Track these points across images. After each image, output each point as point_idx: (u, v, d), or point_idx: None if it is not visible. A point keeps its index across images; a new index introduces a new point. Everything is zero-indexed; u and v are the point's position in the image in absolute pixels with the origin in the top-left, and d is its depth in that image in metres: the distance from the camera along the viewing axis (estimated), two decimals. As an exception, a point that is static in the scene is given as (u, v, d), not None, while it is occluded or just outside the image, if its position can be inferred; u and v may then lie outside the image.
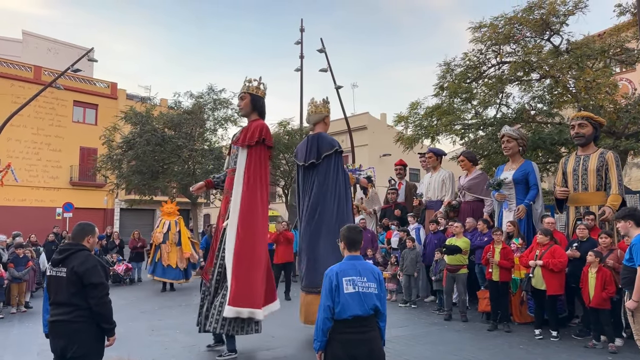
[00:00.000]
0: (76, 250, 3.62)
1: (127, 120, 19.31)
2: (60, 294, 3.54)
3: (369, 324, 3.20)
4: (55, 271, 3.60)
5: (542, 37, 10.49)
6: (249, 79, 6.26)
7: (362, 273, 3.24)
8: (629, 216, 4.70)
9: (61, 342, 3.52)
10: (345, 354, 3.11)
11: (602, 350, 5.62)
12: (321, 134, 6.58)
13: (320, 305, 3.21)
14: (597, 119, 7.43)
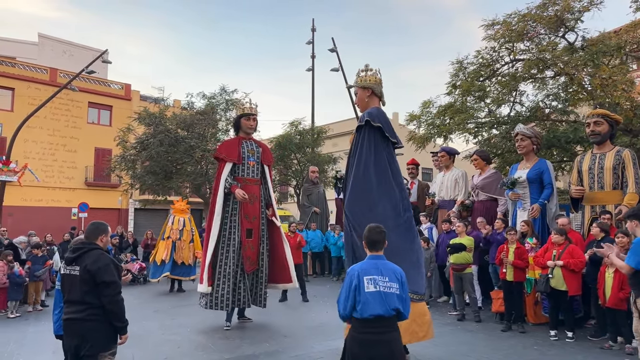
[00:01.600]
0: (89, 249, 3.68)
1: (141, 121, 19.51)
2: (73, 292, 3.60)
3: (390, 324, 3.18)
4: (69, 270, 3.66)
5: (556, 34, 10.34)
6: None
7: (384, 273, 3.23)
8: (635, 216, 4.69)
9: (75, 340, 3.58)
10: (364, 354, 3.09)
11: (618, 352, 5.53)
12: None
13: (340, 302, 3.26)
14: (613, 116, 7.30)
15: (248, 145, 7.34)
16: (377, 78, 5.58)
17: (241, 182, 7.11)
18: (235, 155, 7.15)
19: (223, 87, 20.45)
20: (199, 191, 20.60)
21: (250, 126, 7.39)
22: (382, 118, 5.38)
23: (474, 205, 9.12)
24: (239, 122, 7.47)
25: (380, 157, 5.24)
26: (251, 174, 7.23)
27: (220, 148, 7.47)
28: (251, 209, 7.15)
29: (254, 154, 7.29)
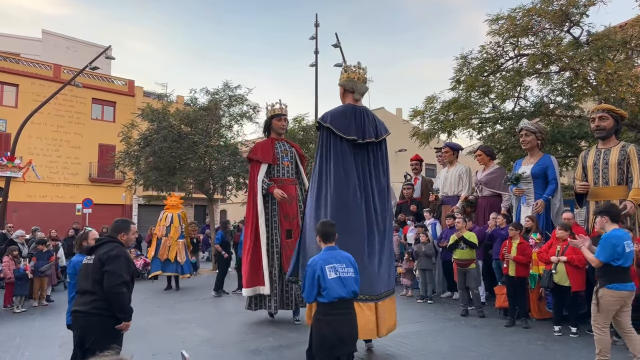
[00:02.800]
0: (107, 241, 3.84)
1: (144, 117, 19.50)
2: (85, 282, 3.71)
3: (350, 305, 3.71)
4: (87, 259, 3.82)
5: (561, 29, 10.27)
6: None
7: (341, 260, 3.73)
8: (605, 212, 4.86)
9: (79, 332, 3.68)
10: (332, 334, 3.54)
11: (622, 347, 5.52)
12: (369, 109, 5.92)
13: (306, 290, 3.69)
14: (618, 111, 7.26)
15: (281, 145, 7.35)
16: (349, 75, 5.74)
17: (277, 182, 7.10)
18: (270, 156, 7.14)
19: (226, 83, 20.40)
20: (203, 187, 20.63)
21: (282, 126, 7.40)
22: (337, 115, 5.51)
23: (477, 201, 9.11)
24: (270, 123, 7.41)
25: (329, 158, 5.41)
26: (287, 174, 7.23)
27: (254, 150, 7.39)
28: (290, 209, 7.13)
29: (287, 154, 7.29)
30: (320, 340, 3.59)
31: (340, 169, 5.34)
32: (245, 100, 20.51)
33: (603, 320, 4.58)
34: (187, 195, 21.50)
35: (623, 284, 4.51)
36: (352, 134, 5.44)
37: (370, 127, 5.59)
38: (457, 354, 5.40)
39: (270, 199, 6.98)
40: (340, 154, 5.39)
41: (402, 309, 7.97)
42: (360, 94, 5.78)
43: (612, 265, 4.50)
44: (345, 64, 5.99)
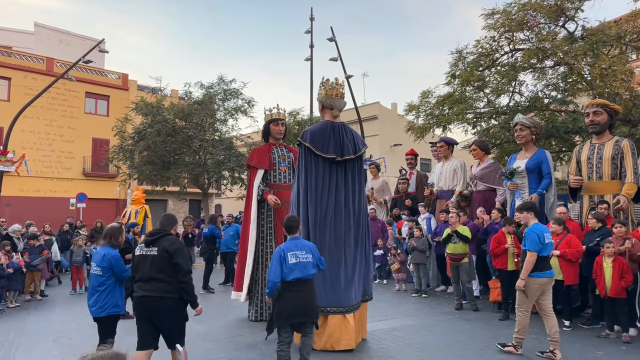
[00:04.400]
0: (166, 234, 4.32)
1: (138, 111, 19.42)
2: (150, 270, 4.14)
3: (308, 284, 4.41)
4: (146, 251, 4.22)
5: (556, 24, 10.29)
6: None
7: (302, 248, 4.49)
8: (530, 209, 5.38)
9: (149, 314, 4.13)
10: (290, 306, 4.30)
11: (615, 340, 5.58)
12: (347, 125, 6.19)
13: (271, 273, 4.35)
14: (612, 106, 7.29)
15: (279, 151, 7.28)
16: (326, 91, 5.87)
17: (274, 188, 7.06)
18: (266, 162, 7.09)
19: (221, 77, 20.34)
20: (197, 181, 20.58)
21: (279, 131, 7.31)
22: (316, 134, 5.73)
23: (472, 196, 9.14)
24: (268, 128, 7.33)
25: (307, 173, 5.67)
26: (283, 180, 7.15)
27: (251, 156, 7.35)
28: (286, 215, 7.06)
29: (285, 159, 7.21)
30: (279, 310, 4.32)
31: (319, 187, 5.67)
32: (240, 94, 20.46)
33: (526, 304, 5.14)
34: (182, 189, 21.47)
35: (543, 272, 5.05)
36: (331, 152, 5.68)
37: (348, 143, 5.82)
38: (452, 347, 5.44)
39: (267, 204, 6.96)
40: (321, 172, 5.69)
41: (397, 303, 8.02)
42: (338, 109, 5.95)
43: (538, 255, 5.01)
44: (322, 80, 6.07)
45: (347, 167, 5.84)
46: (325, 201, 5.66)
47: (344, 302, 5.40)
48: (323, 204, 5.65)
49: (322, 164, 5.70)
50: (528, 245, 5.07)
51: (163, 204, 29.86)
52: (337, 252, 5.58)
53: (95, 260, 4.61)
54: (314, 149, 5.67)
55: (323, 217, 5.62)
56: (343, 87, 6.06)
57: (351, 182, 5.84)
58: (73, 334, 6.45)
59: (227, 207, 32.13)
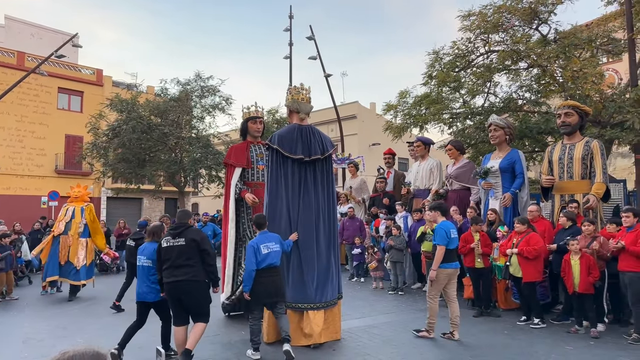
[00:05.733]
0: (189, 227, 5.02)
1: (113, 107, 19.06)
2: (180, 259, 4.77)
3: (277, 270, 5.19)
4: (173, 242, 4.84)
5: (530, 26, 10.51)
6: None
7: (270, 240, 5.23)
8: (437, 208, 6.08)
9: (181, 295, 4.76)
10: (262, 289, 5.04)
11: (584, 336, 5.74)
12: (315, 127, 6.42)
13: (248, 264, 5.10)
14: (583, 108, 7.50)
15: (257, 149, 7.23)
16: (293, 96, 6.12)
17: (251, 186, 7.02)
18: (244, 160, 7.05)
19: (198, 74, 20.12)
20: (173, 179, 20.32)
21: (257, 129, 7.28)
22: (284, 136, 5.93)
23: (447, 194, 9.27)
24: (245, 126, 7.30)
25: (277, 175, 5.85)
26: (261, 178, 7.08)
27: (228, 154, 7.30)
28: None
29: (263, 157, 7.14)
30: (254, 293, 5.06)
31: (289, 188, 5.85)
32: (217, 91, 20.27)
33: (435, 292, 5.75)
34: (158, 187, 21.16)
35: (450, 263, 5.68)
36: (299, 153, 5.87)
37: (316, 144, 6.00)
38: (427, 344, 5.51)
39: (245, 203, 6.93)
40: (290, 173, 5.88)
41: (374, 301, 8.08)
42: (305, 113, 6.16)
43: (445, 249, 5.59)
44: (289, 86, 6.26)
45: (316, 169, 6.01)
46: (296, 201, 5.85)
47: (314, 299, 5.59)
48: (295, 203, 5.85)
49: (291, 166, 5.91)
50: (437, 240, 5.68)
51: (138, 202, 29.37)
52: (308, 251, 5.72)
53: (145, 254, 5.21)
54: (282, 151, 5.85)
55: (294, 216, 5.80)
56: (309, 92, 6.28)
57: (320, 183, 6.00)
58: (44, 335, 6.29)
59: (204, 206, 31.81)
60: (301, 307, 5.58)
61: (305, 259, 5.71)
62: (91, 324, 6.86)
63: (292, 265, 5.69)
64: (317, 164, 6.02)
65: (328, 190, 6.07)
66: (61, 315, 7.50)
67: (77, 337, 6.03)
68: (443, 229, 5.69)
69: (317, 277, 5.69)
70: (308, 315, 5.54)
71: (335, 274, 5.93)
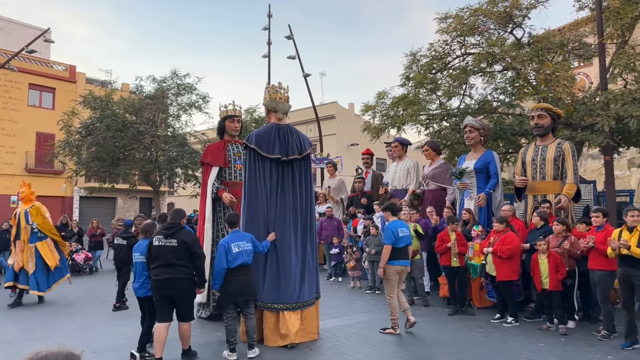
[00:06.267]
0: (181, 228, 5.10)
1: (86, 104, 18.65)
2: (171, 257, 4.91)
3: (248, 269, 5.22)
4: (165, 242, 4.97)
5: (505, 30, 10.71)
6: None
7: (242, 239, 5.24)
8: (387, 208, 6.30)
9: (171, 292, 4.90)
10: (233, 287, 5.07)
11: (555, 333, 5.88)
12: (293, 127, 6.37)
13: (218, 262, 5.15)
14: (555, 110, 7.69)
15: (234, 148, 7.14)
16: (270, 95, 6.09)
17: (229, 185, 6.94)
18: (221, 159, 6.94)
19: (174, 71, 19.85)
20: (148, 179, 20.00)
21: (235, 128, 7.18)
22: (261, 136, 5.89)
23: (424, 194, 9.38)
24: (223, 124, 7.19)
25: (255, 175, 5.82)
26: (239, 177, 6.98)
27: (205, 152, 7.18)
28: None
29: (240, 156, 7.03)
30: (225, 292, 5.10)
31: (267, 188, 5.80)
32: (194, 89, 20.04)
33: (391, 289, 5.94)
34: (132, 187, 20.78)
35: (398, 260, 5.92)
36: (276, 153, 5.83)
37: (294, 144, 5.96)
38: (403, 342, 5.56)
39: (222, 203, 6.85)
40: (268, 173, 5.83)
41: (351, 300, 8.11)
42: (283, 112, 6.13)
43: (393, 247, 5.86)
44: (267, 85, 6.25)
45: (294, 168, 5.98)
46: (274, 201, 5.81)
47: (290, 299, 5.57)
48: (273, 203, 5.81)
49: (268, 165, 5.86)
50: (384, 239, 5.99)
51: (112, 202, 28.80)
52: (286, 251, 5.69)
53: (139, 251, 5.35)
54: (259, 150, 5.80)
55: (272, 216, 5.77)
56: (287, 91, 6.23)
57: (299, 183, 5.97)
58: (13, 338, 6.11)
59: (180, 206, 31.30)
60: (277, 308, 5.55)
61: (282, 259, 5.67)
62: (62, 326, 6.69)
63: (269, 265, 5.65)
64: (295, 163, 5.98)
65: (306, 190, 6.03)
66: (30, 318, 7.29)
67: (47, 340, 5.86)
68: (390, 229, 5.93)
69: (294, 277, 5.65)
70: (284, 316, 5.51)
71: (313, 273, 5.92)
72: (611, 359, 4.87)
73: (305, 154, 6.06)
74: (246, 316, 5.20)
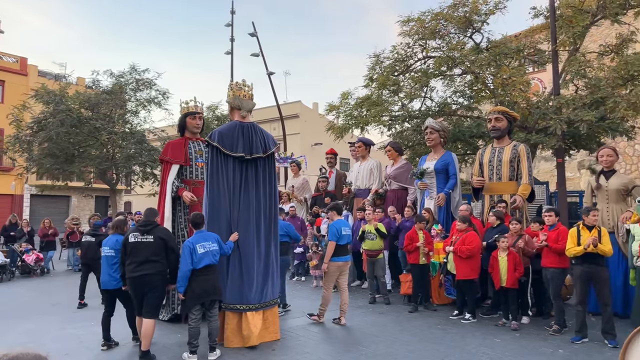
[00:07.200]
0: (156, 225, 5.23)
1: (39, 98, 17.83)
2: (146, 253, 5.01)
3: (213, 269, 5.14)
4: (141, 238, 5.08)
5: (465, 34, 10.99)
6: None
7: (208, 239, 5.16)
8: (333, 208, 6.64)
9: (145, 288, 5.00)
10: (199, 288, 5.01)
11: (509, 328, 6.09)
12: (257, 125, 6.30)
13: (183, 263, 5.01)
14: (511, 113, 7.97)
15: (195, 145, 6.97)
16: (234, 93, 6.03)
17: (190, 184, 6.78)
18: (182, 157, 6.77)
19: (133, 66, 19.25)
20: (105, 176, 19.33)
21: (196, 125, 7.02)
22: (224, 134, 5.81)
23: (386, 194, 9.51)
24: (184, 121, 7.01)
25: (218, 173, 5.74)
26: (200, 176, 6.85)
27: (165, 150, 6.98)
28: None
29: (202, 154, 6.90)
30: (190, 293, 5.02)
31: (230, 187, 5.73)
32: (153, 84, 19.53)
33: (329, 283, 6.35)
34: (87, 184, 20.04)
35: (340, 256, 6.29)
36: (240, 151, 5.77)
37: (258, 142, 5.89)
38: (365, 340, 5.61)
39: (182, 202, 6.69)
40: (231, 171, 5.76)
41: (315, 299, 8.10)
42: (246, 110, 6.06)
43: (336, 244, 6.21)
44: (230, 82, 6.19)
45: (258, 167, 5.91)
46: (237, 200, 5.73)
47: (253, 300, 5.53)
48: (236, 202, 5.73)
49: (232, 164, 5.77)
50: (329, 237, 6.34)
51: (66, 200, 27.69)
52: (248, 251, 5.63)
53: (109, 245, 5.52)
54: (222, 148, 5.71)
55: (234, 216, 5.71)
56: (251, 89, 6.16)
57: (262, 182, 5.91)
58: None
59: (138, 205, 30.53)
60: (239, 309, 5.49)
61: (245, 259, 5.60)
62: (10, 331, 6.37)
63: (231, 266, 5.57)
64: (259, 162, 5.92)
65: (270, 189, 5.98)
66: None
67: (-5, 345, 5.57)
68: (335, 227, 6.26)
69: (256, 278, 5.60)
70: (246, 317, 5.46)
71: (276, 273, 5.88)
72: (562, 352, 5.09)
73: (269, 153, 6.00)
74: (209, 319, 5.13)
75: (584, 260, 5.44)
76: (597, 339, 5.45)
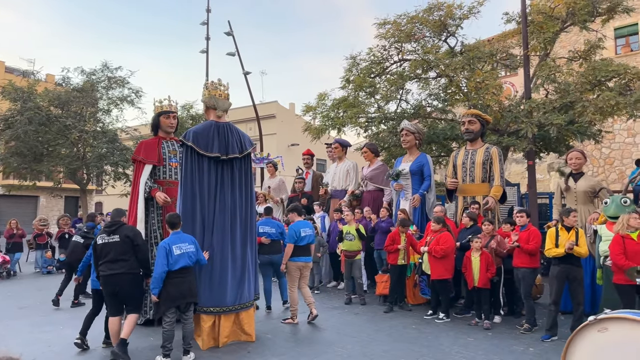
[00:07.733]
0: (122, 224, 5.28)
1: (5, 95, 17.30)
2: (114, 254, 5.06)
3: (189, 271, 5.08)
4: (108, 239, 5.14)
5: (439, 38, 11.16)
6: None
7: (184, 240, 5.09)
8: (293, 210, 6.82)
9: (117, 287, 5.03)
10: (175, 290, 4.93)
11: (483, 328, 6.20)
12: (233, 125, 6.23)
13: (158, 265, 4.90)
14: (484, 116, 8.13)
15: (169, 145, 6.83)
16: (210, 92, 5.97)
17: (163, 185, 6.63)
18: (155, 157, 6.61)
19: (105, 63, 18.86)
20: (75, 176, 18.86)
21: (170, 125, 6.87)
22: (199, 133, 5.75)
23: (363, 195, 9.57)
24: (157, 120, 6.86)
25: (192, 174, 5.65)
26: (174, 176, 6.71)
27: (137, 149, 6.81)
28: None
29: (176, 154, 6.76)
30: (166, 295, 4.92)
31: (204, 188, 5.65)
32: (126, 82, 19.18)
33: (292, 282, 6.50)
34: (56, 184, 19.52)
35: (300, 257, 6.47)
36: (216, 151, 5.69)
37: (234, 142, 5.83)
38: (340, 341, 5.62)
39: (155, 202, 6.57)
40: (206, 172, 5.68)
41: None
42: (222, 110, 5.98)
43: (295, 245, 6.40)
44: (206, 81, 6.13)
45: (234, 167, 5.85)
46: (212, 201, 5.65)
47: (228, 302, 5.49)
48: (211, 204, 5.66)
49: (207, 164, 5.70)
50: (287, 239, 6.51)
51: (34, 200, 26.88)
52: (224, 254, 5.57)
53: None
54: (197, 148, 5.63)
55: (209, 217, 5.63)
56: (227, 89, 6.10)
57: (238, 183, 5.84)
58: None
59: (109, 205, 29.88)
60: (214, 312, 5.44)
61: (221, 261, 5.54)
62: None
63: (206, 268, 5.50)
64: (235, 162, 5.86)
65: (246, 190, 5.92)
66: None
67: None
68: (293, 229, 6.42)
69: (232, 280, 5.55)
70: (220, 319, 5.42)
71: (253, 275, 5.84)
72: (533, 351, 5.21)
73: (245, 153, 5.95)
74: (184, 322, 5.05)
75: (561, 260, 5.58)
76: (566, 337, 5.54)
